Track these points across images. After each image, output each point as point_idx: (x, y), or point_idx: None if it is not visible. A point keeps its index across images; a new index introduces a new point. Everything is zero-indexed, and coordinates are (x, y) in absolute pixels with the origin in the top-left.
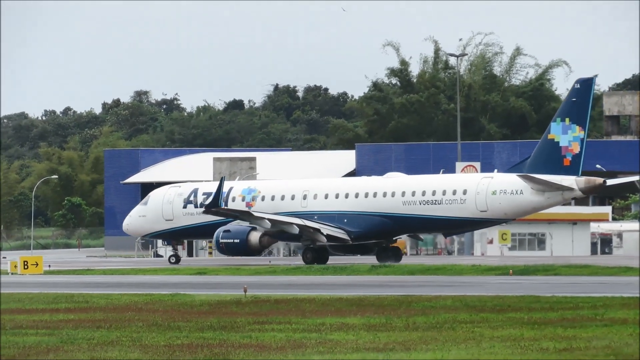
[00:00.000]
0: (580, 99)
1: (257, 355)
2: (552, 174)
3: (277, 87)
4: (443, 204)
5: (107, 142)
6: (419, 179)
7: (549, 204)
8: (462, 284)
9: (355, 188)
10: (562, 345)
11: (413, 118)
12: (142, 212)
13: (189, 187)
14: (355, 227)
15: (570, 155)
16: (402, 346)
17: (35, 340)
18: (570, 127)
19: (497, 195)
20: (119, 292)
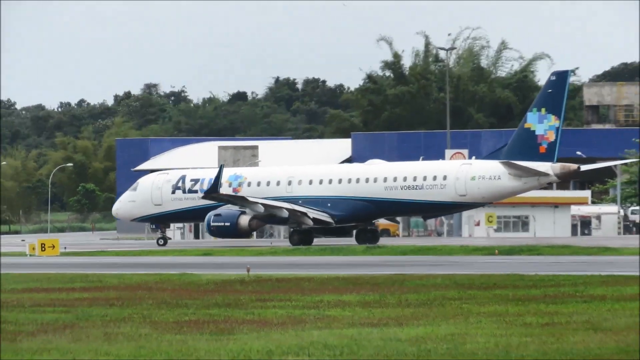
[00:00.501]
0: (556, 90)
1: (260, 330)
2: (528, 160)
3: (278, 80)
4: (424, 189)
5: (118, 132)
6: (400, 165)
7: (526, 189)
8: (451, 263)
9: (338, 174)
10: (544, 320)
11: (405, 108)
12: (131, 198)
13: (176, 174)
14: (339, 211)
15: (546, 143)
16: (395, 321)
17: (53, 317)
18: (546, 116)
19: (476, 181)
20: (131, 272)
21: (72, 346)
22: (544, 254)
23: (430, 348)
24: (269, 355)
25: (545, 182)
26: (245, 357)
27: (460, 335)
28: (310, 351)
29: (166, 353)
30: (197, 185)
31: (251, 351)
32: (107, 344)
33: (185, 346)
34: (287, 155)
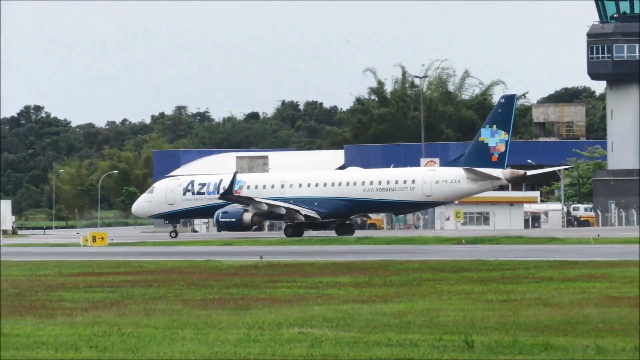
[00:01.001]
0: (505, 110)
1: (271, 306)
2: (483, 167)
3: (284, 102)
4: (396, 191)
5: (155, 145)
6: (375, 171)
7: (481, 190)
8: (427, 251)
9: (324, 179)
10: (503, 297)
11: (387, 125)
12: (148, 199)
13: (186, 179)
14: (324, 209)
15: (497, 153)
16: (381, 299)
17: (102, 296)
18: (497, 132)
19: (440, 184)
20: (165, 259)
21: (117, 320)
22: (502, 243)
23: (410, 320)
24: (278, 327)
25: (497, 185)
26: (259, 327)
27: (435, 309)
28: (312, 323)
29: (195, 325)
30: (204, 188)
31: (264, 323)
32: (146, 317)
33: (210, 319)
34: (292, 163)
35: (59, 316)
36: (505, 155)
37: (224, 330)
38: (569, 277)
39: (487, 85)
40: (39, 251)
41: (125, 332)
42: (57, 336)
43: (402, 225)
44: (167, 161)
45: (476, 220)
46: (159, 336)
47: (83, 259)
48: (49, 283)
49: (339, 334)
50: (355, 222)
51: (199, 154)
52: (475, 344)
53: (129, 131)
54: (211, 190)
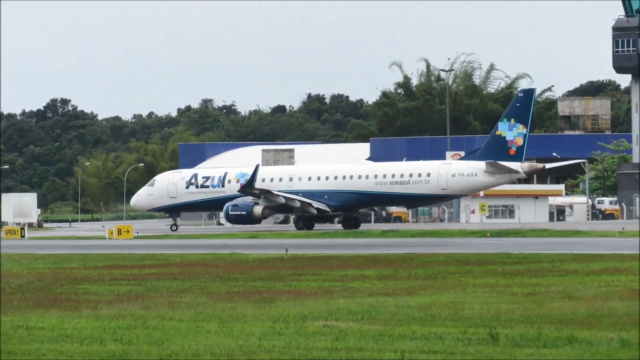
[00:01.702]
0: (524, 104)
1: (296, 299)
2: (500, 160)
3: (310, 95)
4: (410, 184)
5: (181, 138)
6: (388, 165)
7: (498, 183)
8: (452, 244)
9: (334, 172)
10: (527, 290)
11: (413, 118)
12: (149, 192)
13: (189, 172)
14: (335, 202)
15: (515, 146)
16: (406, 292)
17: (127, 289)
18: (515, 125)
19: (456, 177)
20: (191, 252)
21: (142, 312)
22: (527, 236)
23: (435, 313)
24: (303, 320)
25: (515, 178)
26: (284, 320)
27: (460, 302)
28: (337, 316)
29: (219, 318)
30: (209, 182)
31: (288, 316)
32: (171, 310)
33: (235, 312)
34: (317, 157)
35: (84, 309)
36: (523, 148)
37: (248, 323)
38: (594, 270)
39: (512, 79)
40: (65, 244)
41: (150, 325)
42: (82, 329)
43: (428, 218)
44: (193, 154)
45: (501, 213)
46: (184, 329)
47: (108, 251)
48: (74, 276)
49: (363, 326)
50: (380, 215)
51: (225, 147)
52: (500, 337)
53: (155, 124)
54: (215, 183)
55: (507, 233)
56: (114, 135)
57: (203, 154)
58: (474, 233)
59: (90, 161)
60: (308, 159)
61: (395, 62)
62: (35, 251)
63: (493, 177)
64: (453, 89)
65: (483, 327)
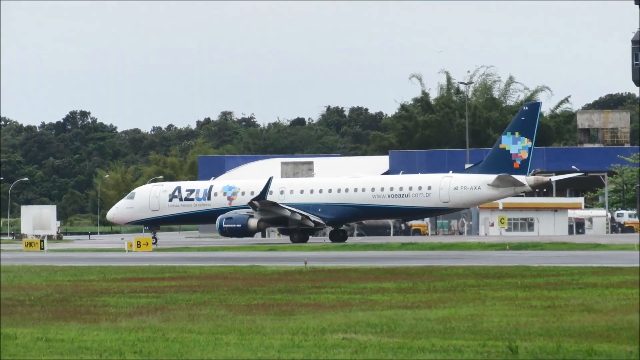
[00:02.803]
0: (528, 118)
1: (315, 311)
2: (503, 174)
3: (329, 108)
4: (410, 197)
5: (200, 150)
6: (386, 178)
7: (502, 196)
8: (471, 257)
9: (328, 185)
10: (547, 303)
11: (433, 131)
12: (129, 205)
13: (171, 185)
14: (329, 215)
15: (520, 160)
16: (425, 304)
17: (146, 301)
18: (520, 139)
19: (459, 190)
20: (210, 264)
21: (161, 325)
22: (546, 249)
23: (454, 326)
24: (322, 332)
25: (520, 191)
26: (303, 333)
27: (479, 315)
28: (356, 329)
29: (239, 330)
30: (193, 195)
31: (308, 329)
32: (190, 323)
33: (254, 324)
34: (337, 169)
35: (104, 321)
36: (528, 162)
37: (268, 336)
38: (613, 283)
39: (532, 91)
40: (84, 256)
41: (170, 338)
42: (101, 341)
43: (446, 231)
44: (213, 167)
45: (520, 226)
46: (203, 341)
47: (128, 264)
48: (93, 288)
49: (383, 339)
50: (399, 228)
51: (244, 160)
52: (519, 349)
53: (175, 137)
54: (201, 196)
55: (527, 246)
56: (133, 147)
57: (222, 167)
58: (493, 246)
59: (109, 173)
60: (327, 172)
61: (415, 75)
62: (54, 263)
63: (497, 190)
64: (472, 102)
65: (502, 340)
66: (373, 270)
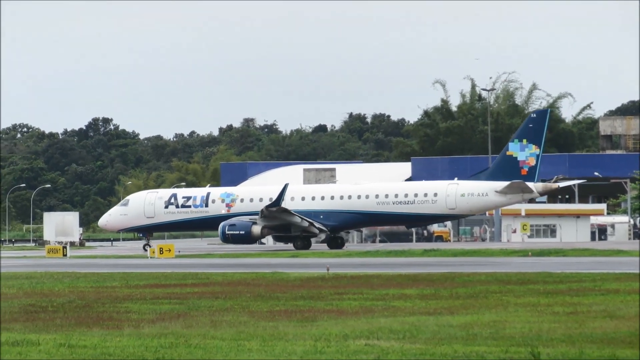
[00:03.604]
0: (537, 125)
1: (337, 318)
2: (510, 181)
3: (352, 115)
4: (416, 204)
5: (222, 157)
6: (390, 185)
7: (510, 203)
8: (493, 263)
9: (331, 192)
10: (569, 310)
11: (455, 138)
12: (122, 212)
13: (167, 192)
14: (331, 222)
15: (527, 167)
16: (447, 311)
17: (169, 308)
18: (528, 146)
19: (466, 197)
20: (232, 270)
21: (184, 331)
22: (568, 255)
23: (476, 332)
24: (344, 338)
25: (528, 198)
26: (326, 339)
27: (501, 321)
28: (378, 335)
29: (261, 336)
30: (190, 202)
31: (330, 335)
32: (213, 329)
33: (276, 331)
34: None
35: (126, 327)
36: (536, 169)
37: (290, 342)
38: (635, 290)
39: (554, 98)
40: (107, 263)
41: (192, 344)
42: (124, 347)
43: (469, 237)
44: (235, 173)
45: (543, 232)
46: (226, 348)
47: (150, 270)
48: (116, 295)
49: (405, 345)
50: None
51: (267, 167)
52: (542, 356)
53: (197, 143)
54: (198, 203)
55: (549, 252)
56: (155, 154)
57: (244, 174)
58: (515, 252)
59: (131, 180)
60: (349, 178)
61: (438, 81)
62: (77, 270)
63: (505, 196)
64: (495, 108)
65: (525, 346)
66: (395, 276)
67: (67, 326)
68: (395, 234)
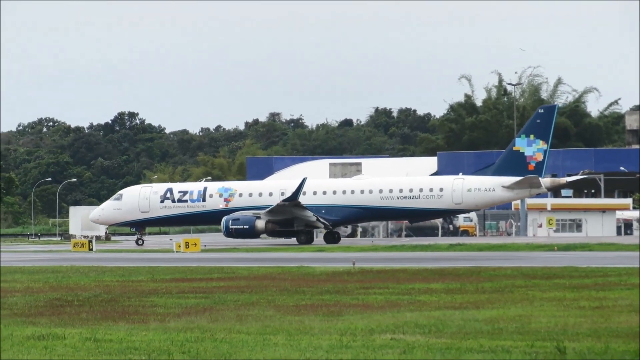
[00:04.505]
0: (544, 121)
1: (363, 312)
2: (517, 176)
3: (378, 109)
4: (421, 199)
5: (248, 151)
6: (394, 179)
7: (517, 198)
8: (519, 257)
9: (332, 187)
10: (595, 304)
11: (481, 132)
12: (116, 206)
13: (162, 186)
14: (333, 216)
15: (535, 162)
16: (473, 305)
17: (195, 302)
18: (535, 141)
19: (473, 192)
20: (258, 265)
21: (210, 325)
22: (594, 250)
23: (502, 327)
24: (370, 333)
25: (535, 193)
26: (351, 334)
27: (527, 316)
28: (404, 329)
29: (287, 331)
30: (187, 196)
31: (356, 329)
32: (238, 323)
33: (302, 325)
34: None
35: (152, 322)
36: (543, 164)
37: (316, 336)
38: None
39: (580, 92)
40: (132, 257)
41: (218, 338)
42: (149, 341)
43: (495, 232)
44: (261, 168)
45: (568, 227)
46: (251, 342)
47: (176, 264)
48: (141, 289)
49: (431, 340)
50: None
51: (292, 161)
52: (567, 350)
53: (223, 138)
54: (195, 198)
55: (575, 247)
56: (181, 148)
57: (270, 168)
58: (541, 247)
59: (157, 174)
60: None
61: (464, 76)
62: (103, 264)
63: (512, 191)
64: (521, 103)
65: (550, 340)
66: (421, 271)
67: (92, 320)
68: (421, 228)
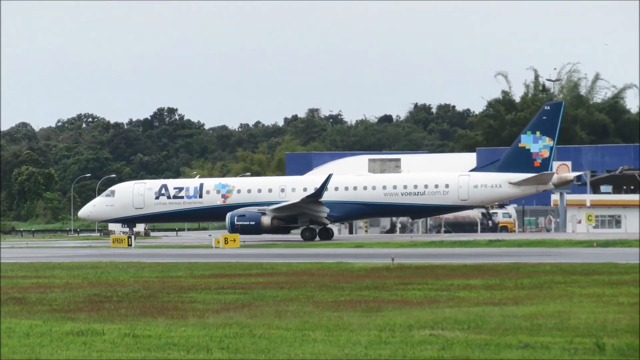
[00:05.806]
0: (550, 117)
1: (402, 308)
2: (523, 172)
3: (417, 105)
4: (426, 195)
5: (287, 147)
6: (397, 176)
7: (523, 194)
8: (558, 254)
9: (334, 183)
10: (634, 300)
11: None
12: (108, 202)
13: (156, 183)
14: (336, 212)
15: (541, 159)
16: (512, 301)
17: (234, 298)
18: (541, 138)
19: (479, 188)
20: (297, 261)
21: (249, 321)
22: (633, 246)
23: (541, 323)
24: (409, 329)
25: (542, 190)
26: (390, 329)
27: (566, 312)
28: (443, 325)
29: (326, 326)
30: (183, 193)
31: (395, 325)
32: (277, 319)
33: (341, 321)
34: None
35: (191, 317)
36: (549, 160)
37: (355, 332)
38: None
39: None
40: (171, 253)
41: (257, 334)
42: (188, 337)
43: (534, 228)
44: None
45: (608, 223)
46: (290, 338)
47: (215, 260)
48: (180, 284)
49: (470, 336)
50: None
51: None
52: (606, 346)
53: (262, 133)
54: (191, 194)
55: (614, 243)
56: (220, 144)
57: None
58: (580, 243)
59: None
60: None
61: (500, 72)
62: (142, 260)
63: (519, 188)
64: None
65: (589, 336)
66: (460, 267)
67: (131, 316)
68: (460, 224)
